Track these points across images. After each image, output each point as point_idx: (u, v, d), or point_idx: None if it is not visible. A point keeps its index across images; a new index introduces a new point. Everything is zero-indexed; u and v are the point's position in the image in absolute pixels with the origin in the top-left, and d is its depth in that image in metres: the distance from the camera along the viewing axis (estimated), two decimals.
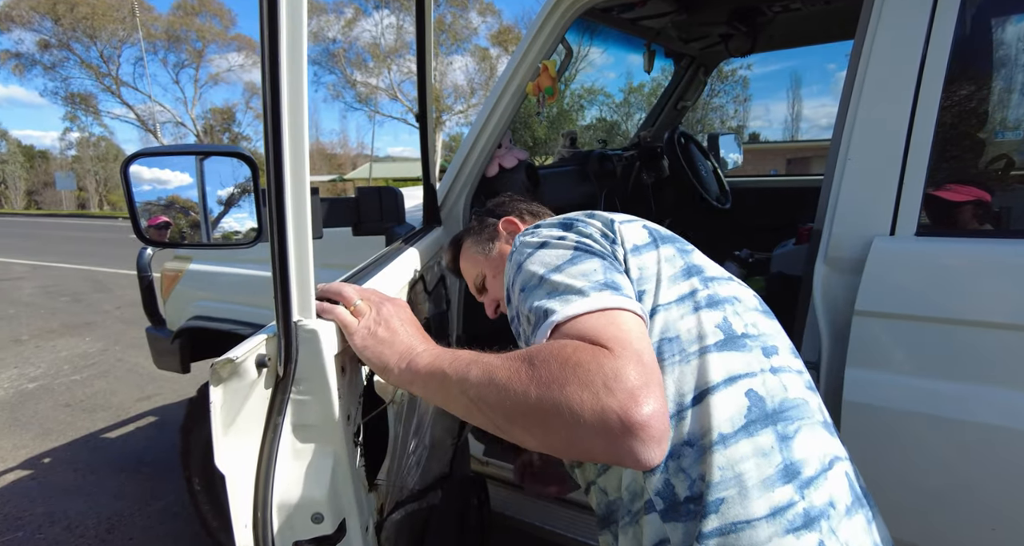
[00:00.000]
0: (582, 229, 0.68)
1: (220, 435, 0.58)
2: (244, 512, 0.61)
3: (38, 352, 4.21)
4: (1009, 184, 0.99)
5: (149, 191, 0.89)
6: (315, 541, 0.66)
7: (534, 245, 0.67)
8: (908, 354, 0.89)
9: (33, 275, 7.67)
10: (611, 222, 0.69)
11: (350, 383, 0.73)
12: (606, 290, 0.57)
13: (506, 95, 1.36)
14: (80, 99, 28.56)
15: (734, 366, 0.60)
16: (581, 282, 0.58)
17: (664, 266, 0.66)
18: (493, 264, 1.00)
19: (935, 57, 0.89)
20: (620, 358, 0.49)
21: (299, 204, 0.60)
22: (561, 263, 0.62)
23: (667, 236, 0.72)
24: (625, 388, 0.47)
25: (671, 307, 0.62)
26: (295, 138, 0.58)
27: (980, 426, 0.84)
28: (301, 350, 0.63)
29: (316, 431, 0.66)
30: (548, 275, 0.61)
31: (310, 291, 0.64)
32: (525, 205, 1.09)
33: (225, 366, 0.57)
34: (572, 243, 0.65)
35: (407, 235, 1.26)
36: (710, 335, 0.61)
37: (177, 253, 1.95)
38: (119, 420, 3.00)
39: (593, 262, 0.62)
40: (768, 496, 0.55)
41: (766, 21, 2.06)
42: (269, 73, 0.56)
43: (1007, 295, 0.83)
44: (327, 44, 27.74)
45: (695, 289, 0.65)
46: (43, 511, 2.20)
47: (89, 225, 17.21)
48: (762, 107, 28.90)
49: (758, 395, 0.59)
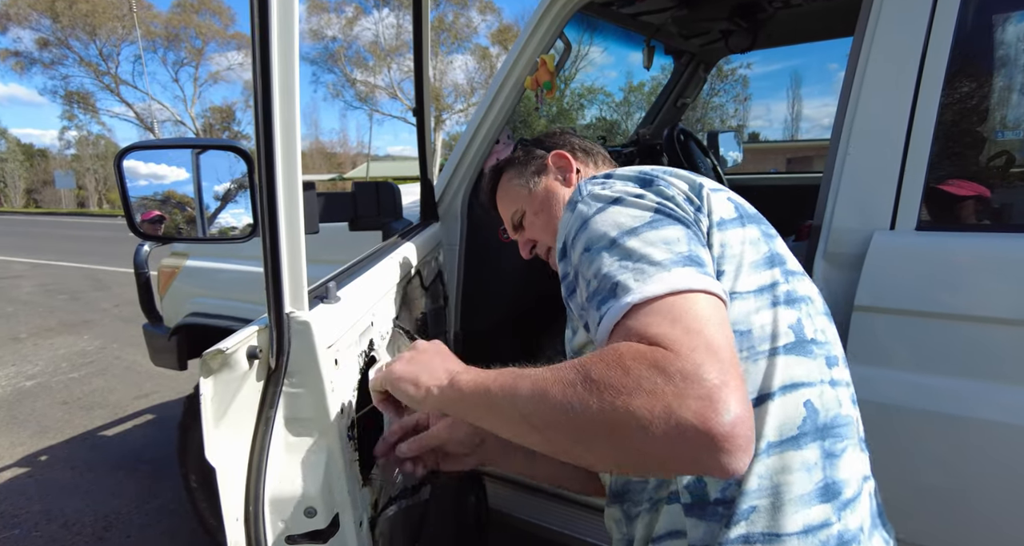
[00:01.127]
0: (663, 189, 0.59)
1: (211, 428, 0.57)
2: (236, 506, 0.61)
3: (36, 350, 4.20)
4: (1010, 179, 0.98)
5: (146, 186, 0.88)
6: (308, 535, 0.65)
7: (606, 199, 0.58)
8: (907, 350, 0.89)
9: (32, 273, 7.66)
10: (699, 186, 0.61)
11: (344, 376, 0.72)
12: (690, 265, 0.50)
13: (504, 90, 1.35)
14: (79, 97, 28.57)
15: (797, 373, 0.55)
16: (661, 252, 0.51)
17: (748, 249, 0.58)
18: (537, 201, 0.91)
19: (935, 52, 0.89)
20: (693, 354, 0.42)
21: (291, 194, 0.60)
22: (638, 226, 0.54)
23: (753, 215, 0.64)
24: (701, 393, 0.40)
25: (748, 297, 0.56)
26: (287, 131, 0.58)
27: (980, 422, 0.84)
28: (294, 342, 0.63)
29: (309, 424, 0.66)
30: (622, 238, 0.53)
31: (302, 282, 0.63)
32: (579, 141, 0.96)
33: (215, 357, 0.57)
34: (652, 204, 0.56)
35: (404, 230, 1.25)
36: (782, 336, 0.56)
37: (174, 249, 1.94)
38: (117, 418, 3.00)
39: (676, 229, 0.54)
40: (804, 513, 0.52)
41: (766, 17, 2.06)
42: (260, 67, 0.55)
43: (1007, 290, 0.82)
44: (327, 42, 27.73)
45: (776, 281, 0.58)
46: (40, 509, 2.19)
47: (88, 223, 17.19)
48: (763, 106, 28.93)
49: (814, 407, 0.55)
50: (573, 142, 0.96)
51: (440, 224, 1.41)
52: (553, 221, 0.89)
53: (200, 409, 0.56)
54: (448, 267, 1.42)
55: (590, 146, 0.97)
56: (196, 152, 1.00)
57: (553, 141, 0.96)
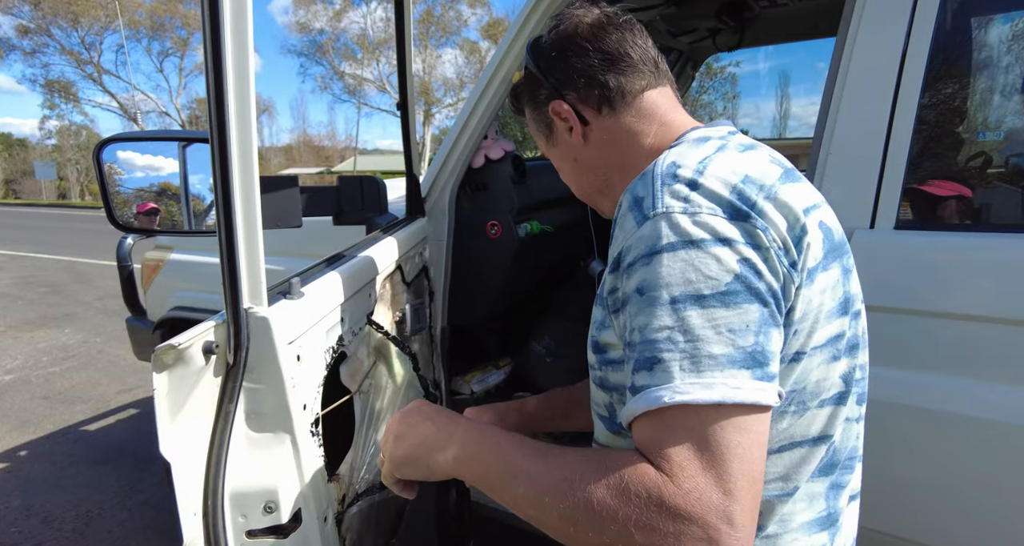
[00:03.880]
0: (758, 234, 0.48)
1: (166, 422, 0.57)
2: (193, 500, 0.61)
3: (15, 343, 4.13)
4: (988, 179, 1.01)
5: (142, 178, 0.88)
6: (269, 530, 0.65)
7: (682, 234, 0.47)
8: (887, 346, 0.90)
9: (11, 265, 7.51)
10: (802, 224, 0.50)
11: (308, 373, 0.72)
12: (748, 368, 0.44)
13: (492, 85, 1.34)
14: (60, 86, 27.98)
15: (831, 423, 0.56)
16: (721, 342, 0.44)
17: (827, 298, 0.52)
18: (559, 154, 0.72)
19: (915, 54, 0.90)
20: (704, 492, 0.41)
21: (247, 186, 0.59)
22: (708, 294, 0.45)
23: (838, 245, 0.56)
24: (700, 535, 0.40)
25: (815, 354, 0.53)
26: (242, 125, 0.57)
27: (960, 417, 0.86)
28: (252, 338, 0.63)
29: (270, 420, 0.66)
30: (684, 304, 0.45)
31: (260, 277, 0.63)
32: (599, 70, 0.64)
33: (168, 352, 0.56)
34: (734, 267, 0.46)
35: (387, 225, 1.25)
36: (832, 388, 0.55)
37: (158, 242, 1.92)
38: (99, 412, 2.96)
39: (749, 311, 0.45)
40: (806, 540, 0.55)
41: (753, 16, 2.07)
42: (212, 54, 0.54)
43: (985, 288, 0.84)
44: (315, 35, 27.41)
45: (843, 332, 0.55)
46: (19, 504, 2.16)
47: (69, 215, 16.87)
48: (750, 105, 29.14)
49: (835, 448, 0.56)
50: (584, 77, 0.64)
51: (427, 219, 1.41)
52: (580, 176, 0.72)
53: (155, 404, 0.56)
54: (435, 262, 1.42)
55: (617, 80, 0.64)
56: (182, 145, 0.99)
57: (555, 74, 0.66)
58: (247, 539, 0.64)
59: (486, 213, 1.50)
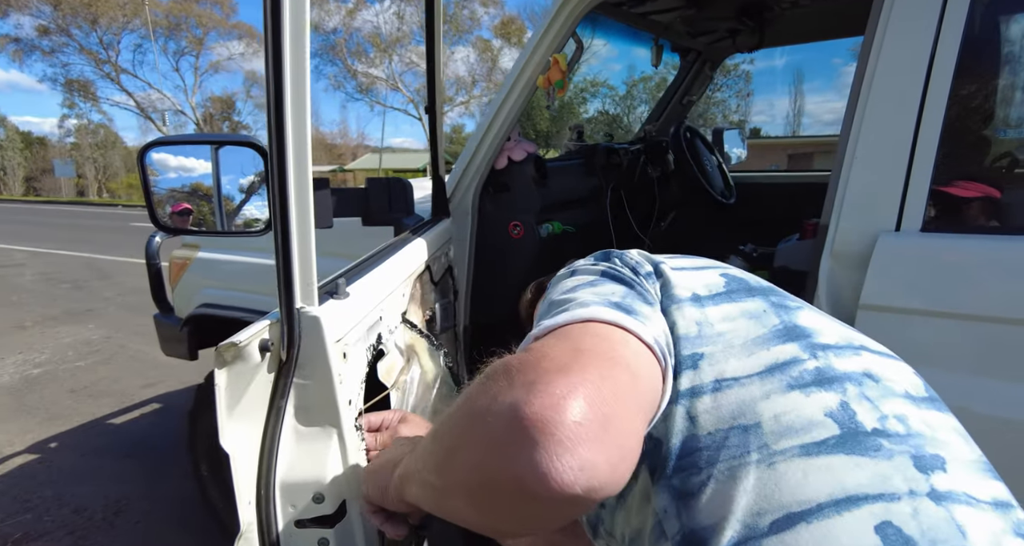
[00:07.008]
0: (617, 258, 0.57)
1: (225, 416, 0.60)
2: (248, 490, 0.63)
3: (42, 339, 4.23)
4: (1015, 181, 1.00)
5: (175, 178, 0.90)
6: (316, 520, 0.68)
7: (563, 276, 0.57)
8: (912, 348, 0.91)
9: (34, 262, 7.67)
10: (657, 263, 0.56)
11: (352, 370, 0.75)
12: (616, 310, 0.44)
13: (516, 88, 1.36)
14: (79, 85, 28.44)
15: (855, 480, 0.40)
16: (592, 296, 0.47)
17: (744, 324, 0.49)
18: None
19: (944, 55, 0.90)
20: (549, 367, 0.36)
21: (302, 193, 0.62)
22: (579, 284, 0.51)
23: (758, 287, 0.54)
24: (543, 389, 0.34)
25: (750, 382, 0.45)
26: (298, 129, 0.59)
27: (984, 419, 0.86)
28: (304, 336, 0.65)
29: (318, 414, 0.68)
30: (558, 297, 0.49)
31: (312, 279, 0.65)
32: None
33: (229, 349, 0.59)
34: (600, 269, 0.54)
35: (415, 226, 1.27)
36: (816, 428, 0.42)
37: (185, 241, 1.96)
38: (124, 406, 3.03)
39: (615, 286, 0.50)
40: None
41: (774, 17, 2.07)
42: (272, 65, 0.57)
43: (1011, 291, 0.85)
44: (328, 35, 27.58)
45: (794, 359, 0.46)
46: (51, 494, 2.23)
47: (88, 212, 17.17)
48: (765, 102, 28.83)
49: (902, 534, 0.37)
50: None
51: (451, 219, 1.43)
52: None
53: (214, 398, 0.59)
54: (458, 262, 1.44)
55: None
56: (215, 147, 1.03)
57: None
58: (296, 529, 0.67)
59: (508, 214, 1.52)
